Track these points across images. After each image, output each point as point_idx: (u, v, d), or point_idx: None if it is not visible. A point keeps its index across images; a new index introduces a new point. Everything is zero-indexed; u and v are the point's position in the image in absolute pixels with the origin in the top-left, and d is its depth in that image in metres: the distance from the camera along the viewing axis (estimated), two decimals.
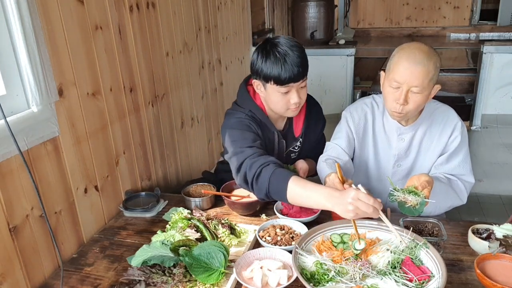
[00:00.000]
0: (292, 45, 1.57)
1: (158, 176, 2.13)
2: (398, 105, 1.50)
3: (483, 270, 1.21)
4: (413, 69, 1.44)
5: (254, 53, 1.65)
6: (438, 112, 1.68)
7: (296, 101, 1.61)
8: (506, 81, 4.26)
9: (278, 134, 1.76)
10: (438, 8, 6.35)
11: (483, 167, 3.58)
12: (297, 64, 1.55)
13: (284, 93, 1.59)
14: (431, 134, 1.68)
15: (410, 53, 1.46)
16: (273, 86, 1.59)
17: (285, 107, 1.64)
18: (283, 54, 1.54)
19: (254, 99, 1.73)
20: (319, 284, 1.16)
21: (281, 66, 1.54)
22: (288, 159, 1.87)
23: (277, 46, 1.57)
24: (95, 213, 1.65)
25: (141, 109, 1.95)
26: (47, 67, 1.34)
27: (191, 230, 1.47)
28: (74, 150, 1.52)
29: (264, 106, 1.74)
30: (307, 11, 4.72)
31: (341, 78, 4.58)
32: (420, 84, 1.45)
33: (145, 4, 1.95)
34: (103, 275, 1.36)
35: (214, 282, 1.25)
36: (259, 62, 1.60)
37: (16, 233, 1.27)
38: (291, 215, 1.59)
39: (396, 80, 1.48)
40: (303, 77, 1.59)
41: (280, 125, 1.82)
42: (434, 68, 1.46)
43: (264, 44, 1.63)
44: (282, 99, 1.61)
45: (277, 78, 1.55)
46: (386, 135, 1.73)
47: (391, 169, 1.74)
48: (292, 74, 1.54)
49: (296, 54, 1.55)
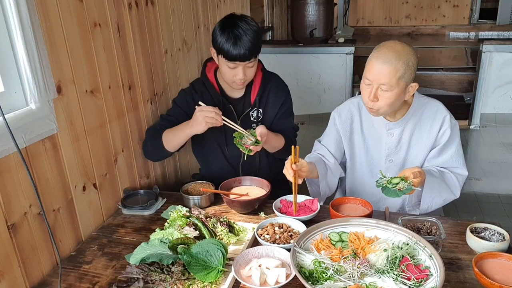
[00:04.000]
0: (247, 28, 1.72)
1: (157, 174, 2.13)
2: (369, 101, 1.59)
3: (481, 268, 1.21)
4: (380, 67, 1.52)
5: (216, 25, 1.77)
6: (427, 106, 1.71)
7: (240, 77, 1.78)
8: (505, 80, 4.26)
9: (223, 100, 1.92)
10: (438, 6, 6.35)
11: (482, 166, 3.59)
12: (246, 48, 1.70)
13: (231, 68, 1.77)
14: (421, 129, 1.71)
15: (380, 53, 1.55)
16: (222, 59, 1.76)
17: (231, 80, 1.82)
18: (236, 35, 1.70)
19: (207, 73, 1.94)
20: (317, 282, 1.17)
21: (231, 44, 1.70)
22: (247, 128, 1.91)
23: (234, 26, 1.72)
24: (94, 211, 1.65)
25: (140, 106, 1.95)
26: (46, 64, 1.34)
27: (190, 228, 1.47)
28: (73, 147, 1.51)
29: (217, 78, 1.95)
30: (306, 9, 4.70)
31: (340, 76, 4.57)
32: (387, 82, 1.52)
33: (144, 2, 1.94)
34: (101, 273, 1.36)
35: (213, 280, 1.25)
36: (217, 34, 1.74)
37: (14, 231, 1.27)
38: (290, 213, 1.59)
39: (367, 78, 1.58)
40: (250, 59, 1.75)
41: (238, 94, 1.97)
42: (403, 67, 1.51)
43: (226, 19, 1.77)
44: (229, 72, 1.79)
45: (226, 53, 1.72)
46: (376, 132, 1.77)
47: (383, 164, 1.78)
48: (239, 54, 1.71)
49: (248, 38, 1.71)
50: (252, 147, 1.70)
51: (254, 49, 1.74)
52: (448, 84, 4.91)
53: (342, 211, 1.55)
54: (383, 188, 1.45)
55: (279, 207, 1.64)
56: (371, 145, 1.79)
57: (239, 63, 1.74)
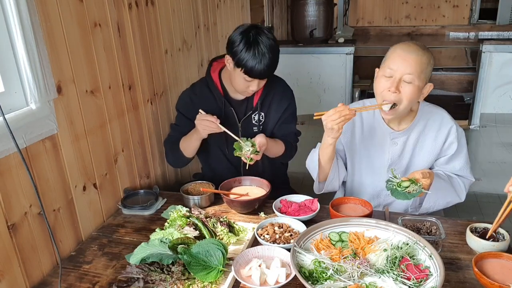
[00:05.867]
0: (271, 46, 1.72)
1: (157, 174, 2.13)
2: (390, 93, 1.53)
3: (481, 268, 1.21)
4: (407, 56, 1.51)
5: (237, 35, 1.74)
6: (432, 115, 1.69)
7: (254, 89, 1.81)
8: (505, 80, 4.26)
9: (225, 102, 1.91)
10: (438, 6, 6.34)
11: (482, 166, 3.59)
12: (268, 66, 1.72)
13: (247, 81, 1.77)
14: (425, 138, 1.69)
15: (405, 45, 1.56)
16: (240, 72, 1.74)
17: (243, 90, 1.83)
18: (261, 54, 1.70)
19: (212, 74, 1.93)
20: (317, 282, 1.17)
21: (256, 63, 1.70)
22: (248, 131, 1.94)
23: (260, 44, 1.70)
24: (94, 211, 1.65)
25: (140, 106, 1.95)
26: (46, 64, 1.34)
27: (190, 228, 1.47)
28: (73, 147, 1.51)
29: (222, 79, 1.93)
30: (306, 9, 4.70)
31: (340, 76, 4.57)
32: (413, 72, 1.50)
33: (144, 2, 1.94)
34: (102, 273, 1.36)
35: (213, 280, 1.26)
36: (239, 47, 1.71)
37: (14, 231, 1.27)
38: (290, 213, 1.59)
39: (390, 67, 1.54)
40: (268, 77, 1.80)
41: (240, 96, 1.94)
42: (427, 61, 1.52)
43: (249, 33, 1.72)
44: (243, 84, 1.79)
45: (248, 71, 1.72)
46: (378, 140, 1.74)
47: (385, 173, 1.74)
48: (261, 72, 1.72)
49: (271, 57, 1.72)
50: (252, 156, 1.71)
51: (274, 67, 1.77)
52: (448, 84, 4.91)
53: (342, 211, 1.55)
54: (393, 190, 1.45)
55: (279, 207, 1.64)
56: (373, 153, 1.76)
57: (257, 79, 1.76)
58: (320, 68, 4.51)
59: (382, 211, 1.63)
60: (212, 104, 1.91)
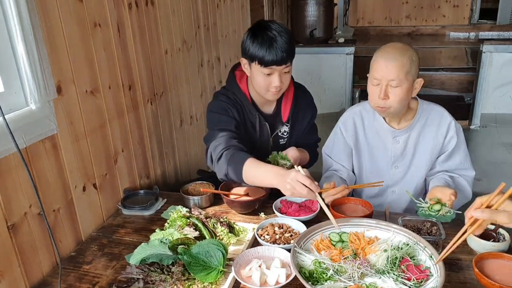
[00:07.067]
0: (281, 30, 1.64)
1: (157, 174, 2.13)
2: (380, 100, 1.60)
3: (481, 269, 1.21)
4: (388, 64, 1.56)
5: (245, 34, 1.70)
6: (431, 113, 1.74)
7: (277, 85, 1.67)
8: (505, 80, 4.26)
9: (259, 117, 1.81)
10: (438, 6, 6.34)
11: (482, 166, 3.58)
12: (282, 49, 1.61)
13: (266, 74, 1.66)
14: (426, 135, 1.74)
15: (384, 52, 1.60)
16: (257, 66, 1.65)
17: (266, 89, 1.70)
18: (271, 37, 1.61)
19: (239, 83, 1.81)
20: (317, 282, 1.16)
21: (266, 48, 1.60)
22: (276, 144, 1.91)
23: (267, 29, 1.63)
24: (94, 211, 1.65)
25: (140, 107, 1.95)
26: (46, 64, 1.34)
27: (190, 229, 1.47)
28: (73, 147, 1.51)
29: (249, 90, 1.81)
30: (306, 9, 4.70)
31: (340, 76, 4.57)
32: (396, 77, 1.55)
33: (144, 2, 1.94)
34: (101, 273, 1.36)
35: (213, 280, 1.25)
36: (248, 41, 1.66)
37: (14, 231, 1.27)
38: (290, 213, 1.59)
39: (375, 77, 1.60)
40: (286, 63, 1.65)
41: (268, 109, 1.87)
42: (409, 62, 1.56)
43: (256, 25, 1.70)
44: (264, 80, 1.67)
45: (261, 59, 1.62)
46: (381, 139, 1.79)
47: (389, 171, 1.79)
48: (276, 57, 1.61)
49: (284, 40, 1.61)
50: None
51: (290, 51, 1.63)
52: (448, 84, 4.91)
53: (342, 211, 1.54)
54: (427, 216, 1.49)
55: (279, 207, 1.64)
56: (376, 153, 1.81)
57: (275, 68, 1.63)
58: (320, 68, 4.51)
59: (383, 211, 1.63)
60: (246, 118, 1.80)
